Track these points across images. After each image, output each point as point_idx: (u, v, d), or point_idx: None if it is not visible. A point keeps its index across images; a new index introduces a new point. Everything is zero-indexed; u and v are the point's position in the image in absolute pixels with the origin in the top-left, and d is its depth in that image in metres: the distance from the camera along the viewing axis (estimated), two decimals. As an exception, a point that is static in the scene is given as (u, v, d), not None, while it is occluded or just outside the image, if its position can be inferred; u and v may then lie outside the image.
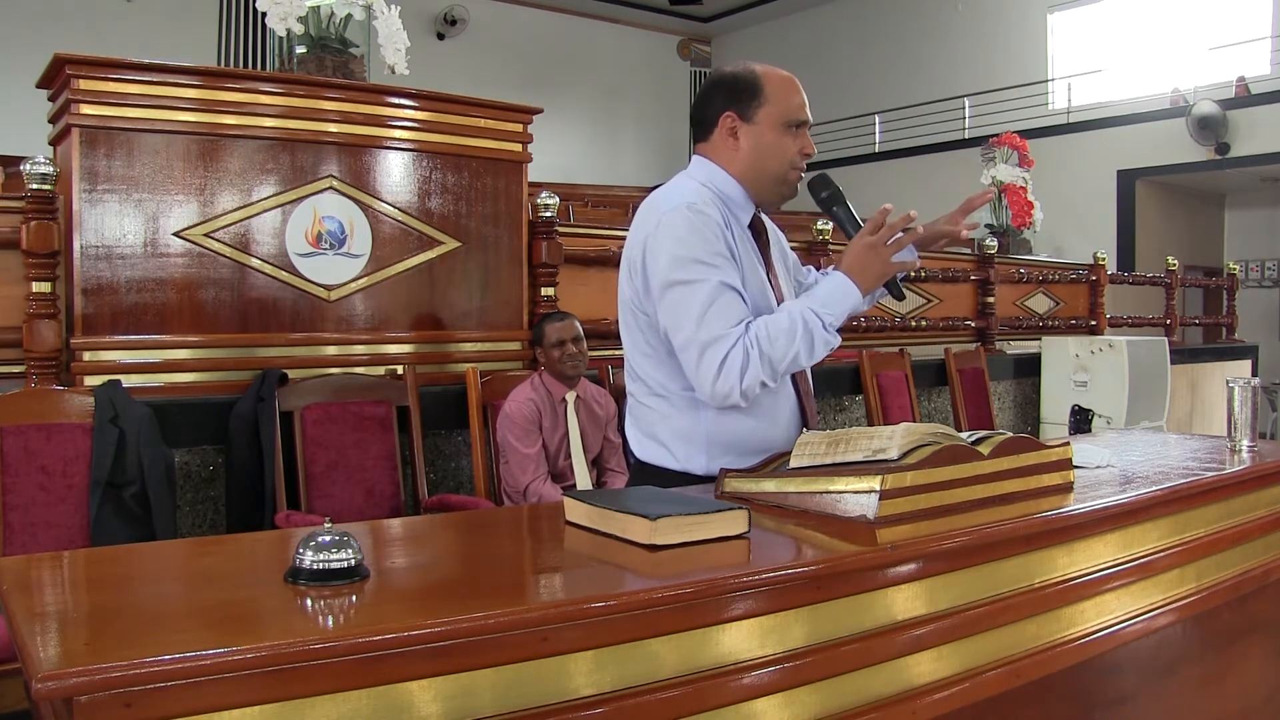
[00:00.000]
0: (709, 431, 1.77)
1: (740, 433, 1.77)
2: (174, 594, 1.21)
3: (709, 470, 1.75)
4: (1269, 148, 9.18)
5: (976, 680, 1.44)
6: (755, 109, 1.76)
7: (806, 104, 1.80)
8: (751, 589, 1.22)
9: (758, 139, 1.77)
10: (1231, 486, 1.97)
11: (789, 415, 1.85)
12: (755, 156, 1.78)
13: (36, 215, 2.67)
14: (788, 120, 1.77)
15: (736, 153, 1.78)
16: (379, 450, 3.02)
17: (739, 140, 1.78)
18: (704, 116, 1.81)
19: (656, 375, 1.78)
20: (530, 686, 1.07)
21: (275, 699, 0.94)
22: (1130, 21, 10.85)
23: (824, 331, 1.71)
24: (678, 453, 1.79)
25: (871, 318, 5.02)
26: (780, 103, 1.76)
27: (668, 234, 1.69)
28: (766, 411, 1.79)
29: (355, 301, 3.15)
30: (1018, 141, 7.30)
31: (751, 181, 1.80)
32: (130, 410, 2.60)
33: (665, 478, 1.78)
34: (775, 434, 1.80)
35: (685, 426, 1.78)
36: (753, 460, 1.73)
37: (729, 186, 1.80)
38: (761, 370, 1.68)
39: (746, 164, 1.78)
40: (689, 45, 15.00)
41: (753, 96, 1.76)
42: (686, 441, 1.78)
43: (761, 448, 1.75)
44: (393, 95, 3.25)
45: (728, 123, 1.78)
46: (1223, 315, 8.15)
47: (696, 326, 1.66)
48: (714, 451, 1.77)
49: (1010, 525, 1.50)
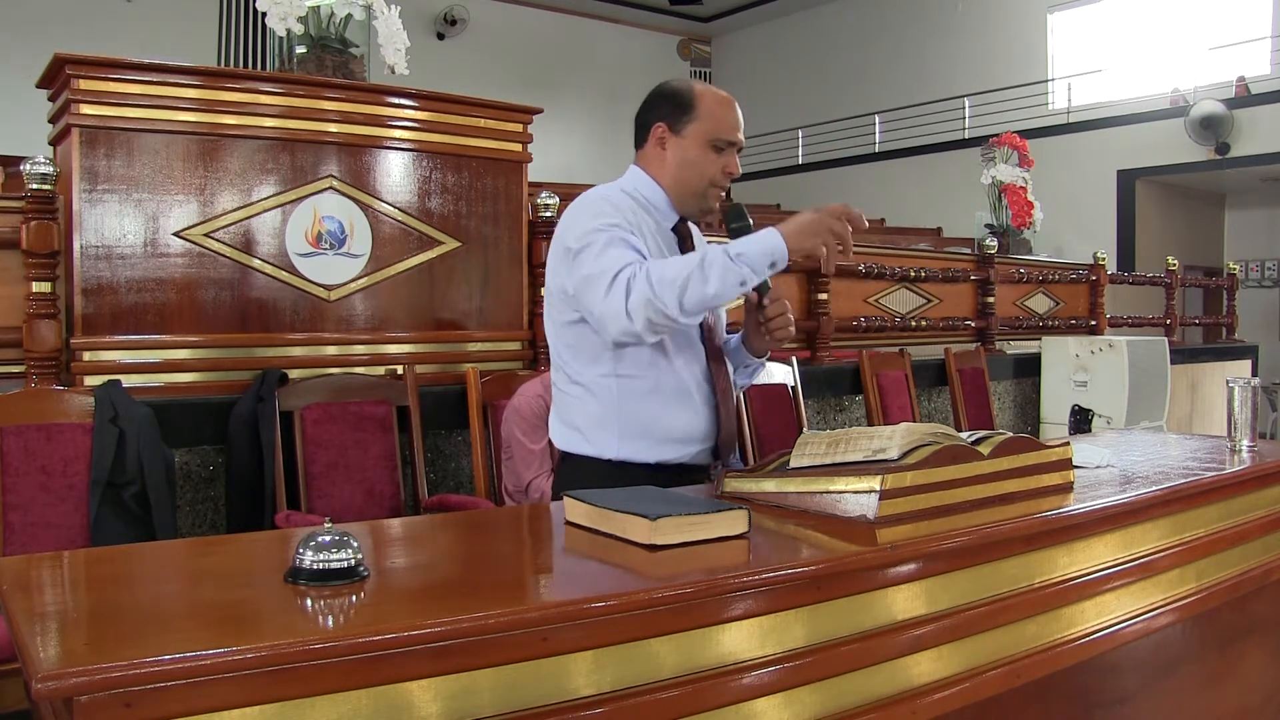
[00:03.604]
0: (620, 416, 1.82)
1: (646, 418, 1.82)
2: (174, 594, 1.21)
3: (620, 455, 1.82)
4: (1269, 148, 9.18)
5: (977, 680, 1.44)
6: (685, 123, 1.84)
7: (739, 127, 1.86)
8: (751, 589, 1.22)
9: (683, 152, 1.84)
10: (1231, 486, 1.97)
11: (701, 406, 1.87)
12: (678, 168, 1.85)
13: (36, 215, 2.67)
14: (715, 139, 1.84)
15: (663, 163, 1.87)
16: (379, 450, 3.02)
17: (665, 151, 1.86)
18: (640, 124, 1.91)
19: (576, 364, 1.85)
20: (530, 686, 1.07)
21: (275, 699, 0.95)
22: (1130, 21, 10.85)
23: (726, 258, 1.66)
24: (592, 437, 1.85)
25: (871, 318, 5.03)
26: (710, 121, 1.83)
27: (580, 211, 1.81)
28: (675, 398, 1.84)
29: (355, 301, 3.15)
30: (1018, 141, 7.30)
31: (674, 192, 1.87)
32: (130, 410, 2.60)
33: (581, 465, 1.85)
34: (684, 423, 1.84)
35: (598, 411, 1.84)
36: (664, 447, 1.82)
37: (653, 193, 1.88)
38: (651, 289, 1.66)
39: (670, 175, 1.86)
40: (689, 45, 15.00)
41: (685, 111, 1.84)
42: (600, 426, 1.84)
43: (670, 435, 1.82)
44: (393, 95, 3.25)
45: (658, 132, 1.86)
46: (1223, 315, 8.15)
47: (594, 262, 1.73)
48: (625, 436, 1.82)
49: (1010, 525, 1.50)
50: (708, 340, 1.90)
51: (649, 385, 1.82)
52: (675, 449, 1.85)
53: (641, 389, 1.82)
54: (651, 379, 1.82)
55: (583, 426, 1.87)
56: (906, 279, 5.29)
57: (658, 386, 1.82)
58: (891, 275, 5.17)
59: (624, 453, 1.82)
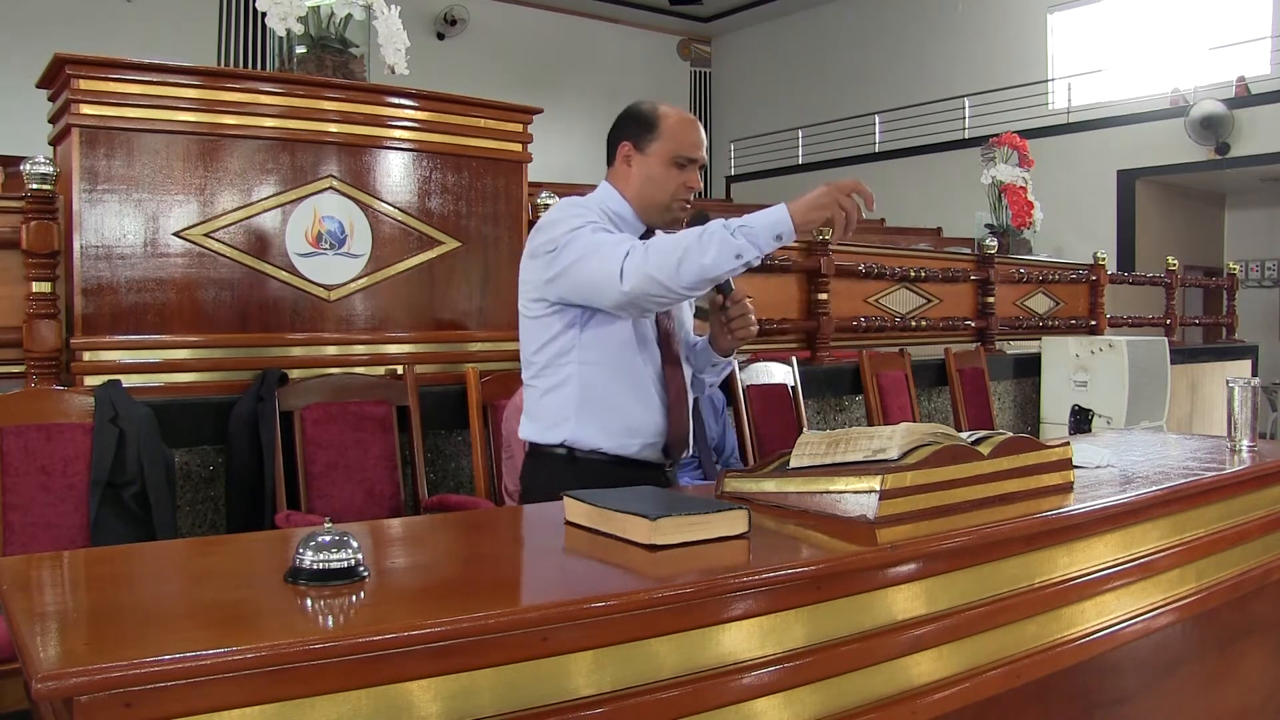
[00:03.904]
0: (579, 404, 1.92)
1: (603, 405, 1.92)
2: (174, 594, 1.21)
3: (574, 439, 1.92)
4: (1269, 148, 9.18)
5: (977, 680, 1.44)
6: (649, 142, 1.95)
7: (700, 145, 1.98)
8: (751, 589, 1.22)
9: (648, 169, 1.95)
10: (1231, 486, 1.97)
11: (655, 403, 1.97)
12: (643, 184, 1.96)
13: (36, 215, 2.67)
14: (676, 156, 1.94)
15: (629, 179, 1.98)
16: (379, 450, 3.02)
17: (632, 168, 1.97)
18: (609, 143, 2.02)
19: (541, 357, 1.95)
20: (530, 686, 1.07)
21: (275, 699, 0.95)
22: (1130, 21, 10.85)
23: (725, 231, 1.71)
24: (551, 425, 1.96)
25: (871, 318, 5.03)
26: (672, 140, 1.94)
27: (561, 215, 1.92)
28: (632, 390, 1.94)
29: (355, 301, 3.15)
30: (1018, 141, 7.30)
31: (639, 205, 1.98)
32: (130, 410, 2.60)
33: (542, 459, 1.97)
34: (638, 415, 1.94)
35: (558, 400, 1.94)
36: (617, 437, 1.92)
37: (621, 207, 1.98)
38: (649, 257, 1.74)
39: (636, 190, 1.97)
40: (689, 45, 15.01)
41: (648, 130, 1.95)
42: (559, 413, 1.94)
43: (625, 425, 1.93)
44: (393, 95, 3.25)
45: (624, 151, 1.98)
46: (1223, 315, 8.15)
47: (587, 242, 1.83)
48: (582, 422, 1.93)
49: (1010, 525, 1.50)
50: (664, 344, 1.99)
51: (608, 374, 1.92)
52: (627, 440, 1.94)
53: (601, 376, 1.92)
54: (611, 368, 1.92)
55: (544, 416, 1.97)
56: (906, 279, 5.29)
57: (616, 375, 1.93)
58: (891, 275, 5.17)
59: (579, 438, 1.93)
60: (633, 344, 1.94)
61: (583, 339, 1.91)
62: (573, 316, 1.91)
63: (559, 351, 1.93)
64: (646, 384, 1.96)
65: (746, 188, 13.94)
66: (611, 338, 1.92)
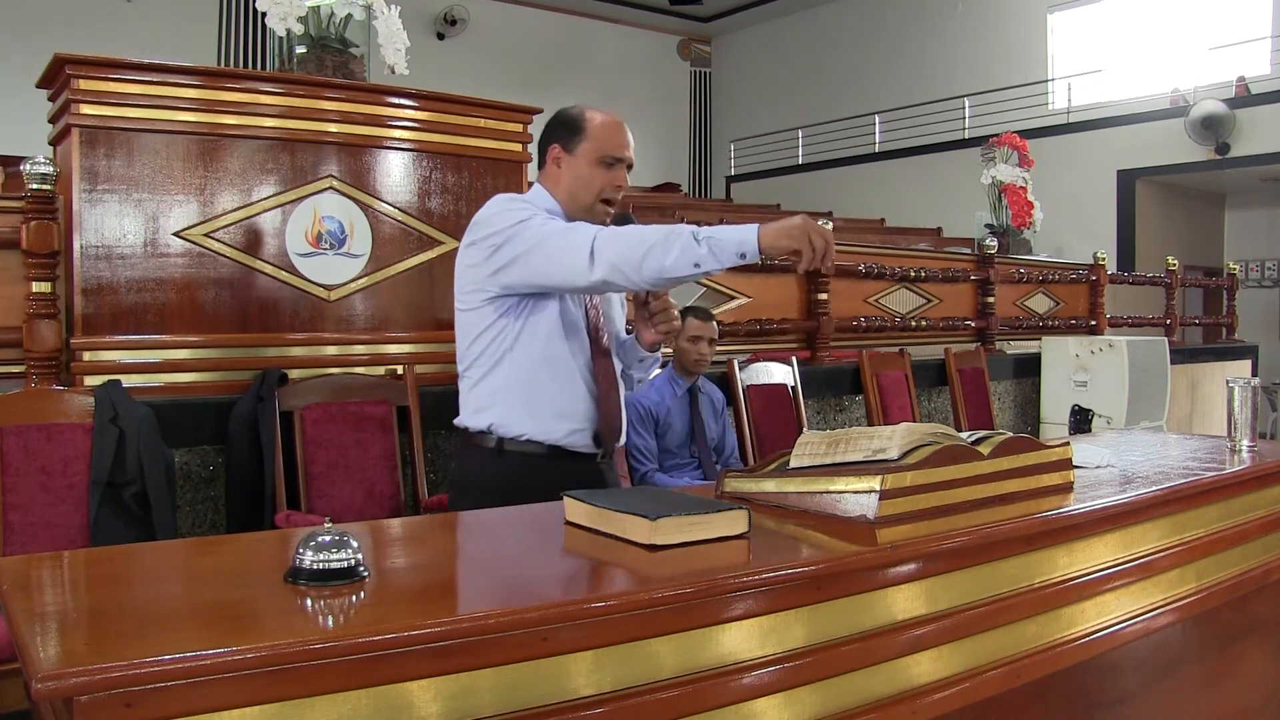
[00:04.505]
0: (508, 388, 1.98)
1: (533, 388, 1.97)
2: (174, 594, 1.21)
3: (501, 421, 1.98)
4: (1269, 148, 9.18)
5: (977, 680, 1.44)
6: (577, 143, 2.01)
7: (626, 146, 2.04)
8: (751, 589, 1.22)
9: (575, 170, 2.02)
10: (1231, 486, 1.97)
11: (583, 389, 2.02)
12: (571, 184, 2.03)
13: (36, 215, 2.67)
14: (602, 156, 2.01)
15: (558, 180, 2.04)
16: (379, 450, 3.02)
17: (561, 169, 2.04)
18: (540, 147, 2.08)
19: (474, 350, 2.00)
20: (530, 686, 1.07)
21: (275, 699, 0.95)
22: (1130, 21, 10.84)
23: (690, 238, 1.75)
24: (479, 409, 2.02)
25: (871, 318, 5.03)
26: (597, 140, 2.01)
27: (501, 209, 1.96)
28: (562, 374, 1.99)
29: (355, 301, 3.15)
30: (1018, 141, 7.30)
31: (568, 205, 2.03)
32: (130, 410, 2.60)
33: (473, 450, 2.02)
34: (567, 400, 2.00)
35: (489, 388, 2.00)
36: (546, 421, 1.97)
37: (553, 207, 2.03)
38: (619, 243, 1.79)
39: (565, 190, 2.03)
40: (689, 45, 15.01)
41: (575, 132, 2.02)
42: (491, 398, 2.00)
43: (554, 409, 1.98)
44: (393, 95, 3.24)
45: (553, 153, 2.04)
46: (1223, 315, 8.15)
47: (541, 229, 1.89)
48: (510, 404, 1.98)
49: (1010, 525, 1.50)
50: (594, 337, 2.05)
51: (539, 361, 1.97)
52: (556, 424, 1.99)
53: (532, 363, 1.97)
54: (542, 357, 1.98)
55: (474, 401, 2.03)
56: (906, 279, 5.29)
57: (547, 363, 1.98)
58: (891, 275, 5.17)
59: (507, 421, 1.98)
60: (563, 334, 1.99)
61: (517, 328, 1.97)
62: (509, 306, 1.96)
63: (493, 340, 1.98)
64: (576, 372, 2.01)
65: (746, 188, 13.94)
66: (544, 327, 1.97)
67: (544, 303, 1.97)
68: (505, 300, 1.96)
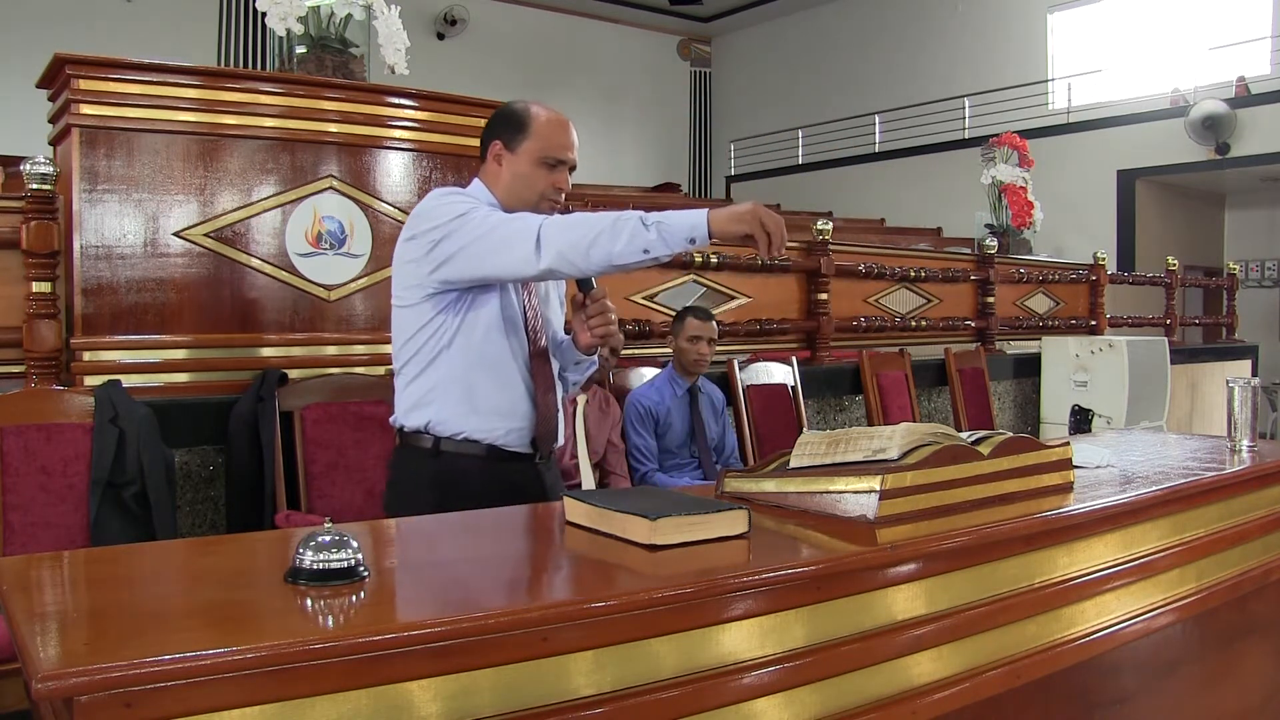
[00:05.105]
0: (445, 384, 1.93)
1: (470, 384, 1.92)
2: (174, 594, 1.21)
3: (438, 419, 1.92)
4: (1269, 148, 9.18)
5: (977, 680, 1.44)
6: (519, 141, 1.95)
7: (570, 147, 1.99)
8: (751, 589, 1.22)
9: (516, 168, 1.96)
10: (1231, 486, 1.97)
11: (520, 388, 1.97)
12: (512, 182, 1.97)
13: (36, 215, 2.67)
14: (545, 157, 1.95)
15: (499, 178, 1.98)
16: (379, 450, 3.01)
17: (501, 167, 1.97)
18: (482, 142, 2.02)
19: (411, 347, 1.94)
20: (530, 686, 1.07)
21: (275, 699, 0.95)
22: (1130, 21, 10.84)
23: (639, 223, 1.71)
24: (415, 405, 1.96)
25: (871, 318, 5.03)
26: (541, 140, 1.95)
27: (439, 203, 1.90)
28: (499, 370, 1.95)
29: (355, 301, 3.15)
30: (1018, 141, 7.30)
31: (507, 205, 1.96)
32: (130, 410, 2.60)
33: (408, 446, 1.97)
34: (505, 397, 1.95)
35: (425, 385, 1.94)
36: (483, 417, 1.92)
37: (493, 204, 1.96)
38: (564, 230, 1.74)
39: (505, 189, 1.97)
40: (689, 45, 15.00)
41: (519, 130, 1.96)
42: (428, 394, 1.94)
43: (490, 405, 1.93)
44: (393, 95, 3.24)
45: (495, 150, 1.98)
46: (1223, 315, 8.15)
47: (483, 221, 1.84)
48: (446, 402, 1.93)
49: (1010, 525, 1.50)
50: (532, 338, 2.01)
51: (477, 359, 1.92)
52: (493, 422, 1.94)
53: (470, 360, 1.92)
54: (480, 354, 1.93)
55: (410, 398, 1.97)
56: (906, 279, 5.29)
57: (485, 360, 1.93)
58: (891, 275, 5.17)
59: (443, 418, 1.92)
60: (502, 331, 1.95)
61: (455, 324, 1.92)
62: (448, 302, 1.91)
63: (430, 337, 1.93)
64: (514, 371, 1.96)
65: (746, 188, 13.94)
66: (482, 324, 1.93)
67: (483, 298, 1.92)
68: (444, 296, 1.90)
